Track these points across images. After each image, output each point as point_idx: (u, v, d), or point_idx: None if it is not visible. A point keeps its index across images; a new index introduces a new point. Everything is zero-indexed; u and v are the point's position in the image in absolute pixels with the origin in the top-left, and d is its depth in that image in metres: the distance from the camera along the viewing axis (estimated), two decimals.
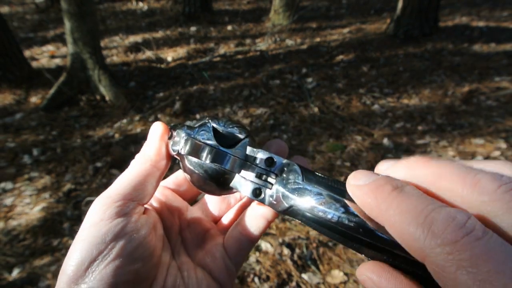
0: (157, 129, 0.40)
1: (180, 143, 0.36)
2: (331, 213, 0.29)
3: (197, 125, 0.37)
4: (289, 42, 4.83)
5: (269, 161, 0.35)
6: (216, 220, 0.47)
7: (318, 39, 4.87)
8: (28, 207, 2.17)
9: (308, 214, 0.30)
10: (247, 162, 0.35)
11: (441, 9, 5.01)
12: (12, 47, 3.60)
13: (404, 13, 4.61)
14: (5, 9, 6.33)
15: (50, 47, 4.76)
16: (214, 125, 0.37)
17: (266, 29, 5.37)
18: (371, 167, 2.37)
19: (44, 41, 5.02)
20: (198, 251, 0.42)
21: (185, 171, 0.38)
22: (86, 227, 0.34)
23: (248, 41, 4.92)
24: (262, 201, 0.34)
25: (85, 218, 0.35)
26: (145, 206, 0.39)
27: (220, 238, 0.43)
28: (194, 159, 0.36)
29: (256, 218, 0.39)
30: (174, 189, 0.46)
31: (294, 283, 1.66)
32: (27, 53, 4.30)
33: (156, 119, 3.05)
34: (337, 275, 1.68)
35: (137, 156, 0.39)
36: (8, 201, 2.21)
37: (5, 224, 2.05)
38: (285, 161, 0.35)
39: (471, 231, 0.19)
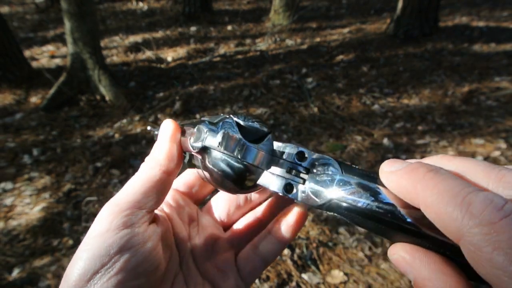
0: (167, 129, 0.38)
1: (204, 139, 0.34)
2: (372, 204, 0.28)
3: (217, 120, 0.35)
4: (289, 42, 4.83)
5: (300, 155, 0.33)
6: (225, 225, 0.45)
7: (318, 39, 4.87)
8: (28, 207, 2.17)
9: (349, 206, 0.29)
10: (275, 157, 0.34)
11: (441, 9, 5.01)
12: (12, 47, 3.60)
13: (404, 13, 4.61)
14: (5, 9, 6.33)
15: (50, 47, 4.76)
16: (236, 119, 0.35)
17: (266, 29, 5.37)
18: (371, 167, 2.38)
19: (44, 41, 5.02)
20: (207, 263, 0.41)
21: (205, 168, 0.36)
22: (92, 236, 0.33)
23: (248, 41, 4.92)
24: (295, 197, 0.32)
25: (92, 225, 0.34)
26: (156, 211, 0.38)
27: (230, 252, 0.41)
28: (219, 155, 0.33)
29: (273, 243, 0.39)
30: (185, 192, 0.44)
31: (294, 283, 1.66)
32: (27, 53, 4.30)
33: (156, 119, 3.05)
34: (337, 275, 1.68)
35: (147, 159, 0.37)
36: (8, 201, 2.21)
37: (5, 224, 2.05)
38: (316, 155, 0.33)
39: (509, 214, 0.19)
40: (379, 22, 5.40)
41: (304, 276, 1.68)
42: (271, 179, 0.33)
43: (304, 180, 0.32)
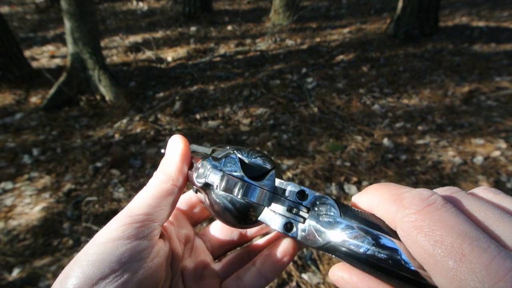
0: (178, 145, 0.39)
1: (207, 176, 0.35)
2: (374, 249, 0.28)
3: (221, 155, 0.37)
4: (289, 42, 4.83)
5: (301, 194, 0.33)
6: (215, 253, 0.45)
7: (318, 39, 4.87)
8: (28, 207, 2.17)
9: (347, 251, 0.29)
10: (277, 195, 0.34)
11: (441, 9, 5.01)
12: (12, 47, 3.60)
13: (404, 13, 4.61)
14: (5, 9, 6.33)
15: (50, 47, 4.76)
16: (240, 156, 0.36)
17: (266, 29, 5.37)
18: (371, 167, 2.37)
19: (44, 41, 5.02)
20: (194, 286, 0.41)
21: (209, 203, 0.37)
22: (101, 242, 0.32)
23: (248, 41, 4.92)
24: (294, 236, 0.33)
25: (101, 232, 0.33)
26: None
27: (216, 280, 0.42)
28: (221, 192, 0.34)
29: (256, 278, 0.39)
30: (186, 211, 0.44)
31: (294, 283, 1.66)
32: (27, 53, 4.30)
33: (156, 119, 3.05)
34: None
35: (157, 173, 0.38)
36: (8, 201, 2.21)
37: (5, 224, 2.05)
38: (317, 194, 0.33)
39: (432, 203, 0.24)
40: (379, 22, 5.40)
41: (304, 276, 1.68)
42: (272, 216, 0.34)
43: (305, 219, 0.33)
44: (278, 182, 0.35)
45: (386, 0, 6.49)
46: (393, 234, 0.28)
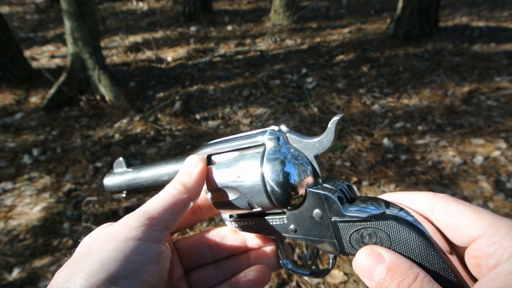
0: (197, 164, 0.41)
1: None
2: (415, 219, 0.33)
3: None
4: (289, 42, 4.83)
5: (350, 187, 0.38)
6: (186, 265, 0.47)
7: (318, 39, 4.87)
8: (28, 207, 2.17)
9: (401, 215, 0.32)
10: (331, 178, 0.38)
11: (441, 9, 5.01)
12: (12, 47, 3.60)
13: (404, 13, 4.61)
14: (5, 9, 6.33)
15: (50, 47, 4.76)
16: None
17: (266, 29, 5.37)
18: (371, 167, 2.37)
19: (44, 41, 5.02)
20: None
21: (264, 173, 0.39)
22: (121, 239, 0.32)
23: (248, 41, 4.92)
24: (343, 210, 0.35)
25: (118, 228, 0.33)
26: None
27: None
28: (289, 159, 0.37)
29: None
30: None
31: (294, 283, 1.66)
32: (27, 53, 4.30)
33: (156, 119, 3.05)
34: (337, 275, 1.68)
35: (175, 183, 0.39)
36: (8, 201, 2.21)
37: (5, 224, 2.05)
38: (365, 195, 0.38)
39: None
40: (379, 22, 5.40)
41: (304, 276, 1.68)
42: (328, 189, 0.37)
43: (354, 200, 0.36)
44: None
45: (386, 0, 6.49)
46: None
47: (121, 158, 0.57)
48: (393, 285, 0.29)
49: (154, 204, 0.36)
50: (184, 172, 0.40)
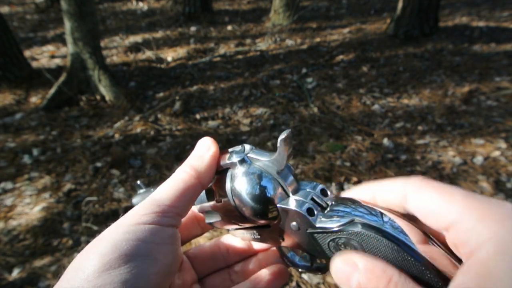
0: (210, 147, 0.39)
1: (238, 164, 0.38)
2: (391, 223, 0.31)
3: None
4: (289, 42, 4.84)
5: (323, 192, 0.36)
6: (199, 273, 0.46)
7: (318, 39, 4.87)
8: (28, 207, 2.17)
9: (370, 223, 0.31)
10: (301, 188, 0.37)
11: (441, 9, 5.01)
12: (12, 47, 3.60)
13: (404, 13, 4.61)
14: (5, 9, 6.33)
15: (50, 47, 4.76)
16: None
17: (266, 29, 5.37)
18: (371, 167, 2.37)
19: (44, 41, 5.02)
20: None
21: (233, 190, 0.38)
22: (133, 224, 0.32)
23: (248, 41, 4.92)
24: (314, 222, 0.34)
25: (128, 216, 0.33)
26: None
27: None
28: (253, 177, 0.36)
29: None
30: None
31: (294, 283, 1.66)
32: (27, 53, 4.30)
33: (156, 119, 3.05)
34: None
35: (185, 167, 0.38)
36: (8, 201, 2.21)
37: (5, 224, 2.05)
38: (338, 196, 0.36)
39: None
40: (379, 22, 5.40)
41: (304, 276, 1.68)
42: (295, 202, 0.35)
43: (325, 209, 0.35)
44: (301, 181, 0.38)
45: (386, 0, 6.49)
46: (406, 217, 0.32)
47: (138, 181, 0.62)
48: None
49: (165, 191, 0.36)
50: (195, 155, 0.39)
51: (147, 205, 0.34)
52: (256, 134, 2.83)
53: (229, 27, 5.55)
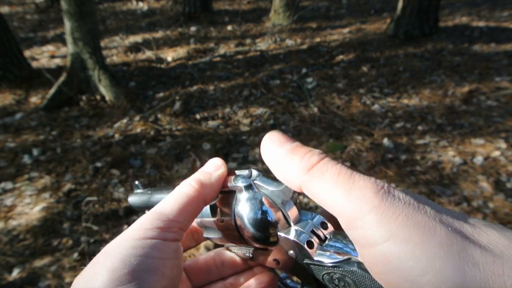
0: (220, 166, 0.40)
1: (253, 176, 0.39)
2: None
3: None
4: (289, 42, 4.84)
5: (324, 225, 0.36)
6: (194, 285, 0.47)
7: (318, 39, 4.87)
8: (28, 207, 2.17)
9: (359, 270, 0.31)
10: (302, 219, 0.37)
11: (441, 9, 5.01)
12: (12, 47, 3.60)
13: (404, 13, 4.61)
14: (5, 9, 6.33)
15: (50, 47, 4.76)
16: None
17: (266, 29, 5.37)
18: (371, 167, 2.37)
19: (44, 41, 5.02)
20: None
21: (236, 213, 0.38)
22: (138, 238, 0.32)
23: (248, 41, 4.92)
24: (312, 254, 0.35)
25: (133, 230, 0.33)
26: None
27: None
28: (256, 204, 0.37)
29: None
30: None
31: None
32: (27, 53, 4.30)
33: (156, 119, 3.05)
34: None
35: (191, 181, 0.38)
36: (8, 201, 2.21)
37: (5, 224, 2.05)
38: (337, 231, 0.36)
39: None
40: (379, 22, 5.40)
41: None
42: (295, 233, 0.36)
43: (324, 241, 0.35)
44: (304, 212, 0.38)
45: (386, 0, 6.49)
46: None
47: (137, 182, 0.63)
48: None
49: (169, 205, 0.36)
50: (203, 171, 0.40)
51: (152, 219, 0.34)
52: (256, 134, 2.83)
53: (229, 27, 5.55)
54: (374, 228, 0.26)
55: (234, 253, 0.46)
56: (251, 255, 0.42)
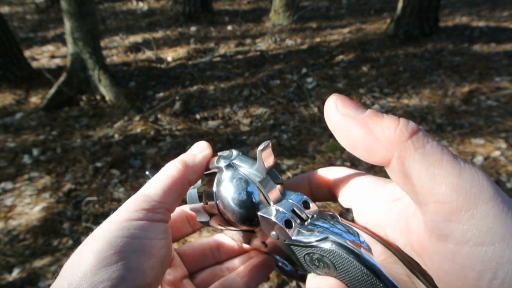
0: (205, 149, 0.41)
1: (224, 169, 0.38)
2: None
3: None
4: (289, 42, 4.84)
5: (306, 204, 0.35)
6: (190, 269, 0.47)
7: (318, 39, 4.87)
8: (28, 207, 2.17)
9: (343, 243, 0.30)
10: (283, 198, 0.36)
11: (441, 9, 5.01)
12: (12, 47, 3.60)
13: (404, 13, 4.61)
14: (5, 9, 6.33)
15: (50, 47, 4.76)
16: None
17: (266, 29, 5.37)
18: (371, 167, 2.37)
19: (44, 41, 5.02)
20: None
21: (217, 194, 0.38)
22: (124, 220, 0.32)
23: (248, 41, 4.92)
24: (291, 234, 0.34)
25: (118, 213, 0.33)
26: None
27: None
28: (236, 183, 0.37)
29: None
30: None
31: (294, 283, 1.66)
32: (27, 53, 4.30)
33: (156, 119, 3.05)
34: None
35: (176, 163, 0.39)
36: (8, 201, 2.21)
37: (5, 224, 2.05)
38: (321, 209, 0.36)
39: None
40: (379, 22, 5.40)
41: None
42: (274, 212, 0.35)
43: (304, 221, 0.34)
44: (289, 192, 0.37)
45: (386, 0, 6.49)
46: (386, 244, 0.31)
47: (147, 172, 0.65)
48: None
49: (154, 187, 0.36)
50: (189, 153, 0.40)
51: (137, 201, 0.34)
52: (256, 134, 2.83)
53: (229, 27, 5.55)
54: (489, 224, 0.21)
55: (230, 237, 0.46)
56: (241, 238, 0.42)
